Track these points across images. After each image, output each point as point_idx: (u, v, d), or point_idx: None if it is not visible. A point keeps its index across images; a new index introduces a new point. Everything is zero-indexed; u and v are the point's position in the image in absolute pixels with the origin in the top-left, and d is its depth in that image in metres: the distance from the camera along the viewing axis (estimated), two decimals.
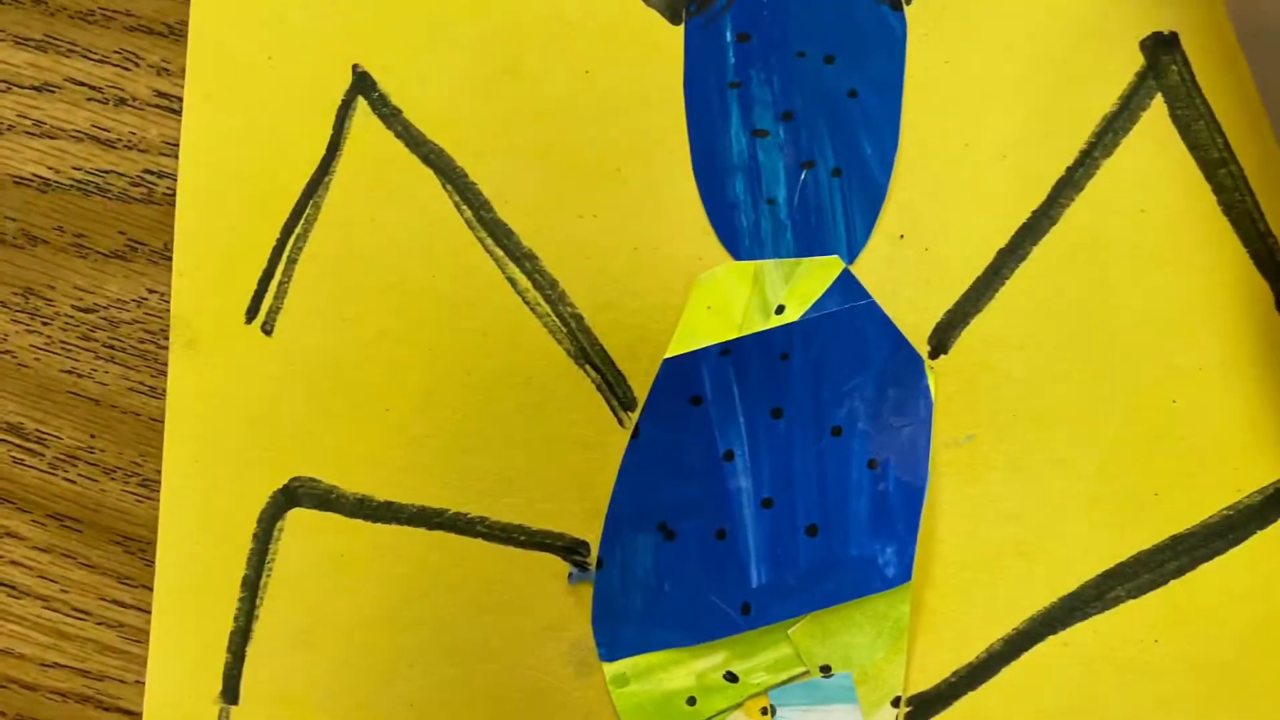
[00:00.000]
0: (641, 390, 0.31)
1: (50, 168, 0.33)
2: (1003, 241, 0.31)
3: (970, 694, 0.30)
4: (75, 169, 0.33)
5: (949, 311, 0.31)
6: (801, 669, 0.30)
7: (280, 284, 0.32)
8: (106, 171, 0.33)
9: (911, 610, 0.30)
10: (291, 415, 0.32)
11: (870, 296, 0.31)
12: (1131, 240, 0.31)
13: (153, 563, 0.32)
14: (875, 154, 0.31)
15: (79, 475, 0.33)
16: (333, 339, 0.32)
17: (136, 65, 0.33)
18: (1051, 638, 0.30)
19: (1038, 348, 0.31)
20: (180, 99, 0.33)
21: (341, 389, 0.32)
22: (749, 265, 0.31)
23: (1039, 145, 0.31)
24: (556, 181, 0.32)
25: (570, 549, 0.31)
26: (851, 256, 0.31)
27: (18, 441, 0.33)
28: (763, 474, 0.30)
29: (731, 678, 0.30)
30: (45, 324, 0.33)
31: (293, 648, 0.32)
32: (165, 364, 0.32)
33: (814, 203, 0.31)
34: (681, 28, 0.32)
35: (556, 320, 0.31)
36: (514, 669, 0.31)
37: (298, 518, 0.32)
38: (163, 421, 0.32)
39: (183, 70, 0.33)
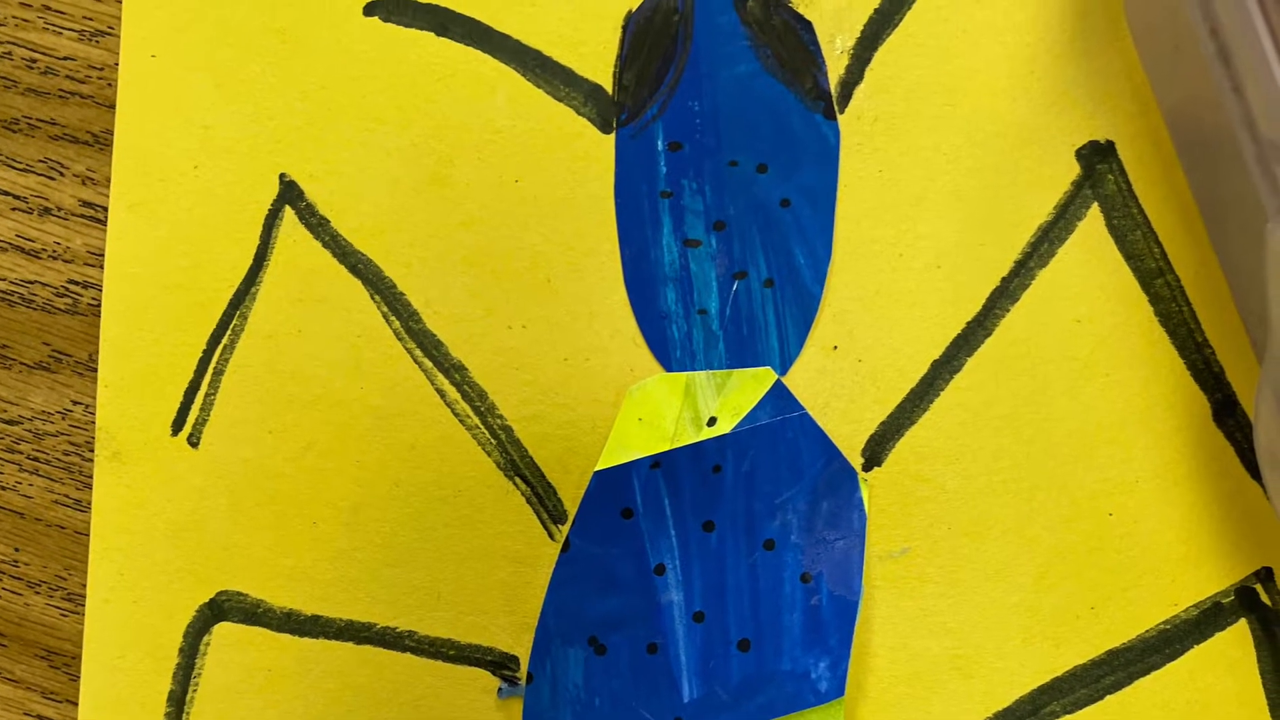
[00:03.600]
0: (572, 503, 0.31)
1: None
2: (937, 352, 0.31)
3: None
4: None
5: (883, 423, 0.31)
6: None
7: (206, 396, 0.32)
8: (31, 282, 0.32)
9: None
10: (218, 528, 0.31)
11: (803, 408, 0.30)
12: (1067, 351, 0.30)
13: (78, 678, 0.32)
14: (808, 264, 0.31)
15: (3, 589, 0.32)
16: (259, 451, 0.31)
17: (61, 174, 0.32)
18: None
19: (972, 460, 0.30)
20: (105, 209, 0.32)
21: (268, 502, 0.31)
22: (681, 377, 0.31)
23: (974, 255, 0.31)
24: (486, 292, 0.31)
25: (500, 663, 0.31)
26: (784, 368, 0.31)
27: None
28: (694, 587, 0.30)
29: None
30: None
31: None
32: (90, 477, 0.32)
33: (746, 313, 0.31)
34: (612, 136, 0.31)
35: (486, 432, 0.31)
36: None
37: (224, 632, 0.31)
38: (88, 535, 0.32)
39: (108, 180, 0.32)
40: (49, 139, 0.33)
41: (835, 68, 0.31)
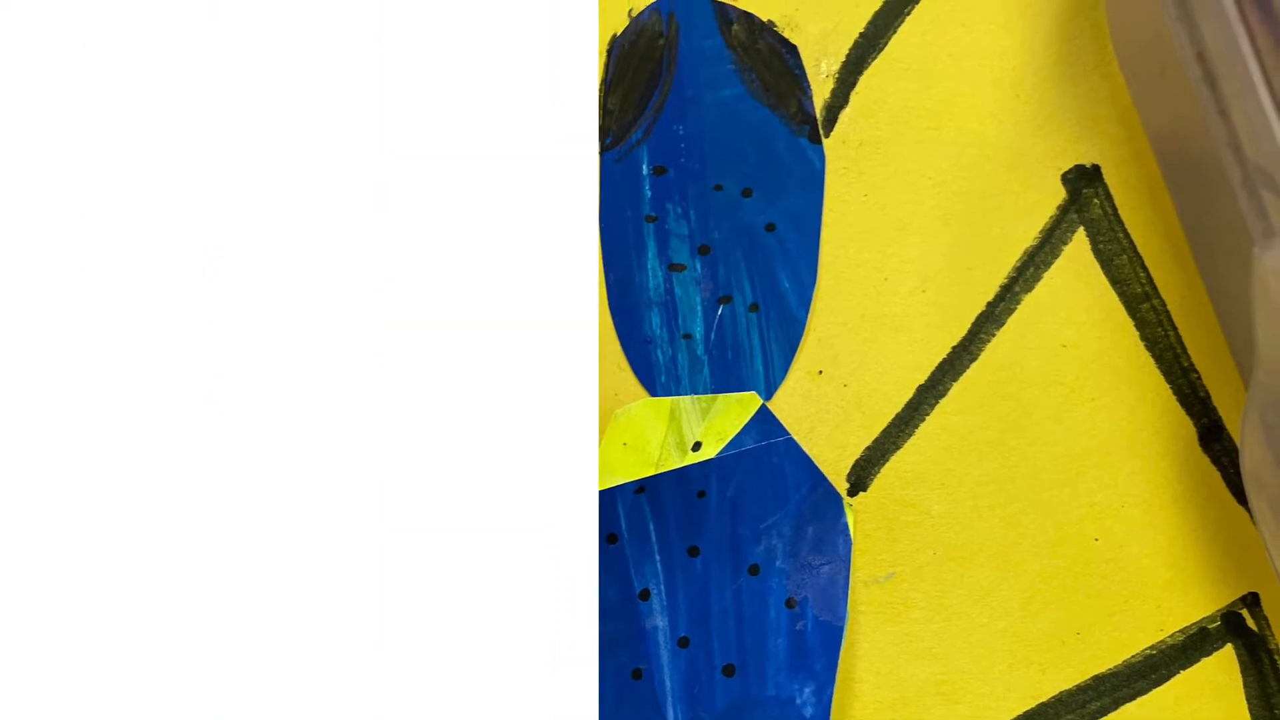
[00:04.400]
0: None
1: None
2: (922, 377, 0.31)
3: None
4: None
5: (868, 448, 0.31)
6: None
7: None
8: None
9: None
10: None
11: (788, 433, 0.30)
12: (1053, 376, 0.30)
13: None
14: (793, 288, 0.31)
15: None
16: None
17: None
18: None
19: (958, 485, 0.30)
20: None
21: None
22: (665, 401, 0.31)
23: (959, 279, 0.31)
24: None
25: None
26: (769, 392, 0.31)
27: None
28: (679, 613, 0.30)
29: None
30: None
31: None
32: None
33: (731, 338, 0.31)
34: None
35: None
36: None
37: None
38: None
39: None
40: None
41: (820, 92, 0.31)
